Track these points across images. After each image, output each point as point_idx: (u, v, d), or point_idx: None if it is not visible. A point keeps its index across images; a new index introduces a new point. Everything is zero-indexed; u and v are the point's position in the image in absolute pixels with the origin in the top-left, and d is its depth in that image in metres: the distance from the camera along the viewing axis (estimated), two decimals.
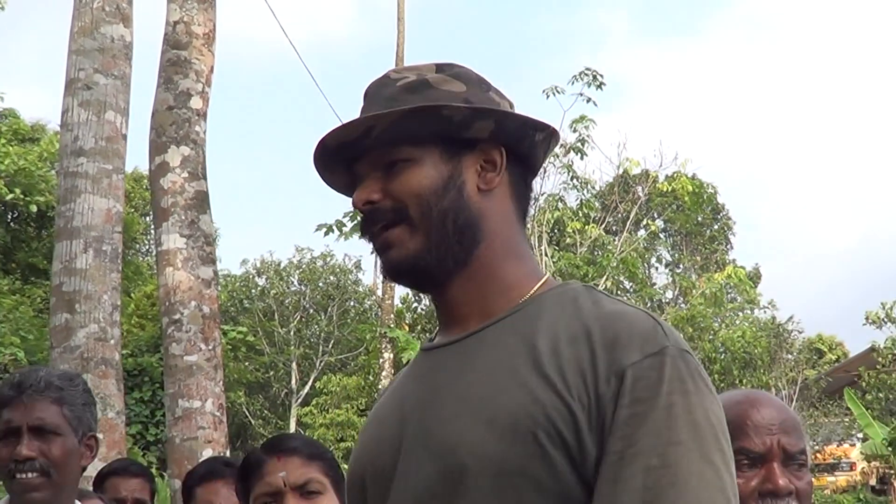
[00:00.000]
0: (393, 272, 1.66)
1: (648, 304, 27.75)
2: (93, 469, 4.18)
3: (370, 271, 35.53)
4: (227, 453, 7.38)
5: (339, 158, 1.70)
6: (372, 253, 1.71)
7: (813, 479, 2.13)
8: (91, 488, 4.09)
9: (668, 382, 1.46)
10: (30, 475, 2.74)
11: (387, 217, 1.63)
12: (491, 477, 1.48)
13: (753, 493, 2.04)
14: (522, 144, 1.70)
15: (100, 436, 3.00)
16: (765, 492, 2.04)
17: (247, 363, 30.85)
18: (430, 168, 1.64)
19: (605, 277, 22.14)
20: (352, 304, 34.51)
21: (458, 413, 1.54)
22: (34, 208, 22.89)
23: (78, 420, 2.84)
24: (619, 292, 25.02)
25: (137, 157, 39.77)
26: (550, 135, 1.72)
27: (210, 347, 7.31)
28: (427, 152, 1.64)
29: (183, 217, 7.48)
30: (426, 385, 1.65)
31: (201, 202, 7.61)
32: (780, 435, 2.06)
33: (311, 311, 33.83)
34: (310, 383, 31.99)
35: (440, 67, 1.72)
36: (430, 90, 1.67)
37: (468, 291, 1.66)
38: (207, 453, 6.88)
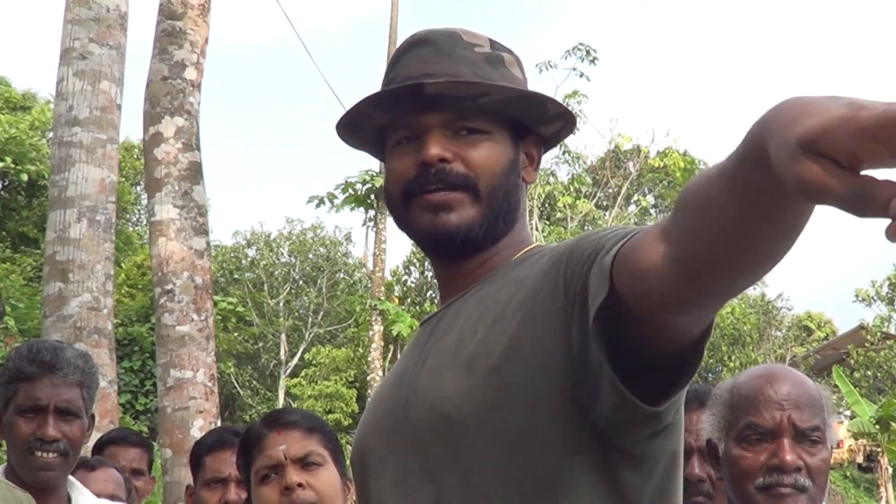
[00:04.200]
0: (444, 234, 1.65)
1: None
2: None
3: (360, 243, 35.51)
4: (219, 423, 7.41)
5: (393, 109, 1.67)
6: (408, 207, 1.66)
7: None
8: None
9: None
10: (51, 455, 2.79)
11: (456, 180, 1.63)
12: (476, 421, 1.49)
13: (762, 467, 2.08)
14: (553, 143, 1.77)
15: (94, 410, 3.05)
16: (771, 466, 2.07)
17: (236, 334, 30.87)
18: (504, 147, 1.67)
19: None
20: (341, 276, 34.46)
21: (437, 368, 1.58)
22: (25, 177, 22.84)
23: (91, 402, 2.90)
24: None
25: (128, 127, 39.80)
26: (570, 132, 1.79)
27: (202, 318, 7.33)
28: (501, 131, 1.67)
29: (176, 188, 7.48)
30: (419, 353, 1.68)
31: (195, 173, 7.61)
32: (791, 410, 2.08)
33: (301, 282, 33.78)
34: (298, 355, 31.95)
35: (495, 45, 1.72)
36: (504, 69, 1.69)
37: (482, 265, 1.68)
38: (199, 423, 6.92)
